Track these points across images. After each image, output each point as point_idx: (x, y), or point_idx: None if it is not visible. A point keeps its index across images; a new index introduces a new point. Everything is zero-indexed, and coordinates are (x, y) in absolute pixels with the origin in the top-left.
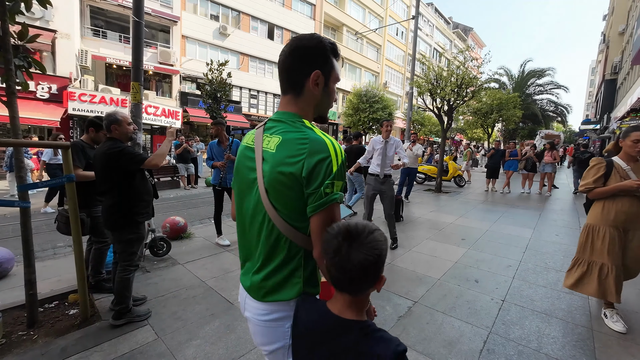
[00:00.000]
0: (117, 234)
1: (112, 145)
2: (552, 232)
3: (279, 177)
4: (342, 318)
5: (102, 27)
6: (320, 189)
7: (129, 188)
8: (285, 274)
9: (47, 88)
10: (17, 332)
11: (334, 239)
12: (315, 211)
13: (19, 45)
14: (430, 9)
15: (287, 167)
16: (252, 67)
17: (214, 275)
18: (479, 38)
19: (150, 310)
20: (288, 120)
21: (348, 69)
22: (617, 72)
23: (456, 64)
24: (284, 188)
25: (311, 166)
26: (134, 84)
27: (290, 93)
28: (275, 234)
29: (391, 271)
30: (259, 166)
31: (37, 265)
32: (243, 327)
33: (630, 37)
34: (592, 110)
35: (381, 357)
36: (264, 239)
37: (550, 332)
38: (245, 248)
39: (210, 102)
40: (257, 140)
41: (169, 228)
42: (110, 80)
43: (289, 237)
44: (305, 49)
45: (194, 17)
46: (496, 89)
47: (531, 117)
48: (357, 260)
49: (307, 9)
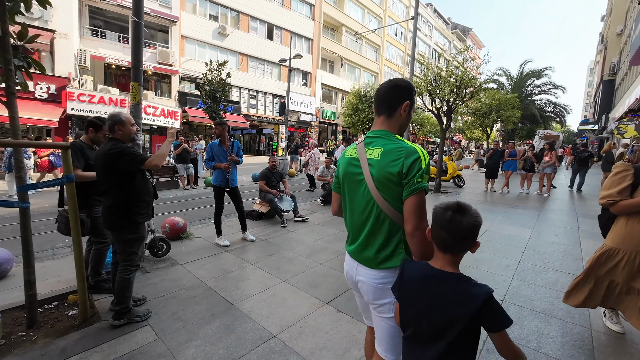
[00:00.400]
0: (117, 234)
1: (113, 146)
2: (551, 232)
3: (387, 175)
4: (444, 271)
5: (101, 27)
6: (414, 179)
7: (129, 188)
8: (392, 248)
9: (45, 88)
10: (16, 332)
11: (447, 211)
12: (410, 195)
13: (19, 45)
14: (429, 9)
15: (392, 168)
16: (251, 67)
17: (213, 276)
18: (478, 39)
19: (150, 311)
20: (384, 135)
21: (347, 70)
22: (615, 73)
23: (455, 64)
24: (389, 183)
25: (408, 165)
26: (133, 84)
27: (384, 115)
28: (382, 216)
29: None
30: (366, 170)
31: (36, 266)
32: (243, 328)
33: (628, 38)
34: (591, 110)
35: (477, 295)
36: (372, 221)
37: (549, 332)
38: (354, 230)
39: (209, 102)
40: (360, 153)
41: (168, 228)
42: (109, 80)
43: (392, 217)
44: (400, 87)
45: (193, 17)
46: (495, 90)
47: (530, 117)
48: (466, 226)
49: (307, 9)
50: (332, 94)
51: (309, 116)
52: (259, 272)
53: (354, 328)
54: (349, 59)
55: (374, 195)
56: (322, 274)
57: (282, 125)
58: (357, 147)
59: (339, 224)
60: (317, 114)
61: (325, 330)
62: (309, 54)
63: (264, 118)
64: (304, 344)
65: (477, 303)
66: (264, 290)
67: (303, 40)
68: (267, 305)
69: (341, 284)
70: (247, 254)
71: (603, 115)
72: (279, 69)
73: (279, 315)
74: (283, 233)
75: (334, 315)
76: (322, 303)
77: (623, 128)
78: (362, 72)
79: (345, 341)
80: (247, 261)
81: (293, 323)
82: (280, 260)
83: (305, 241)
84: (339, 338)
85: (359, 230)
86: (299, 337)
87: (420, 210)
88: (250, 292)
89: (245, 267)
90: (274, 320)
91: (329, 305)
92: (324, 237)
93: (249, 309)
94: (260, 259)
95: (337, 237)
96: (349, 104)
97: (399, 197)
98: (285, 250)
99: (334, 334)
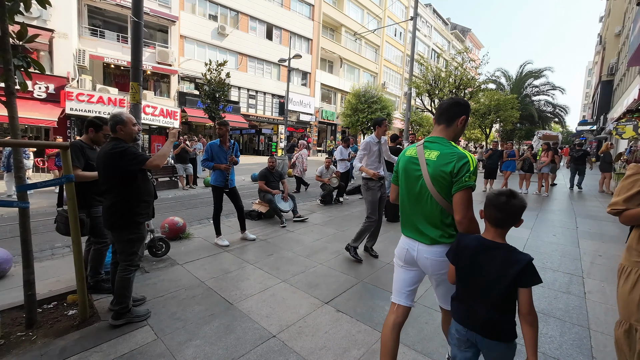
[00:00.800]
0: (118, 233)
1: (115, 145)
2: (550, 233)
3: (441, 173)
4: (495, 241)
5: (99, 27)
6: (462, 178)
7: (130, 188)
8: (443, 229)
9: (44, 88)
10: (15, 332)
11: (501, 196)
12: (458, 190)
13: (18, 45)
14: (429, 9)
15: (445, 167)
16: (250, 67)
17: (213, 276)
18: (477, 39)
19: (149, 311)
20: (441, 141)
21: (346, 70)
22: (613, 74)
23: (454, 64)
24: (442, 179)
25: (459, 166)
26: (133, 84)
27: (444, 124)
28: (435, 206)
29: (389, 271)
30: (424, 169)
31: (35, 266)
32: (242, 327)
33: (626, 39)
34: (589, 111)
35: (521, 260)
36: (428, 208)
37: (547, 332)
38: (410, 217)
39: (208, 102)
40: (419, 153)
41: (167, 228)
42: (108, 80)
43: (444, 207)
44: (460, 103)
45: (193, 17)
46: (494, 90)
47: (528, 117)
48: (518, 206)
49: (306, 10)
50: (332, 94)
51: (308, 116)
52: (258, 272)
53: (353, 328)
54: (348, 59)
55: (429, 188)
56: (322, 274)
57: (282, 125)
58: (416, 148)
59: (338, 224)
60: (317, 114)
61: (325, 330)
62: (308, 54)
63: (263, 118)
64: (303, 343)
65: (521, 266)
66: (264, 290)
67: (302, 40)
68: (266, 305)
69: (341, 283)
70: (247, 254)
71: (601, 115)
72: (278, 69)
73: (278, 315)
74: (282, 233)
75: (333, 315)
76: (322, 303)
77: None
78: (362, 72)
79: (344, 341)
80: (247, 261)
81: (292, 323)
82: (279, 260)
83: (305, 241)
84: (339, 338)
85: (416, 215)
86: (299, 337)
87: (467, 203)
88: (250, 292)
89: (245, 267)
90: (274, 320)
91: (329, 305)
92: (323, 237)
93: (248, 308)
94: (259, 259)
95: (337, 237)
96: (348, 104)
97: (449, 191)
98: (285, 250)
99: (334, 334)
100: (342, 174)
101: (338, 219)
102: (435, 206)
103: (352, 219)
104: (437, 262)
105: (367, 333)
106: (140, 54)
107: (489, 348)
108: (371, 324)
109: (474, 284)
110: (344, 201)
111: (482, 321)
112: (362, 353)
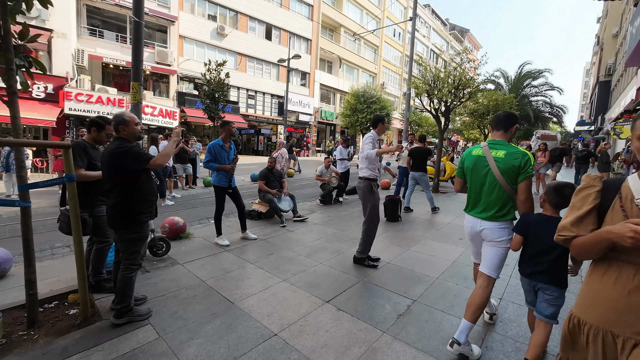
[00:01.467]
0: (120, 232)
1: (119, 145)
2: None
3: (511, 167)
4: (554, 216)
5: (98, 27)
6: (527, 169)
7: (133, 187)
8: (507, 209)
9: (43, 88)
10: (17, 332)
11: (565, 188)
12: (524, 179)
13: (20, 45)
14: (427, 10)
15: (514, 162)
16: (249, 67)
17: (213, 275)
18: (476, 40)
19: (150, 310)
20: (503, 144)
21: (345, 70)
22: (611, 74)
23: (453, 65)
24: (511, 172)
25: (525, 161)
26: (133, 84)
27: (502, 130)
28: (501, 191)
29: (389, 270)
30: (492, 164)
31: (36, 266)
32: (244, 326)
33: (623, 40)
34: (587, 111)
35: None
36: (495, 194)
37: None
38: (479, 199)
39: (208, 102)
40: (486, 153)
41: (168, 228)
42: (107, 80)
43: (507, 192)
44: (513, 115)
45: (192, 17)
46: (492, 91)
47: (527, 118)
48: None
49: (305, 10)
50: (331, 94)
51: (308, 116)
52: (259, 271)
53: (354, 326)
54: (347, 59)
55: (498, 179)
56: (322, 273)
57: (281, 125)
58: (482, 149)
59: (338, 224)
60: (316, 114)
61: (326, 328)
62: (307, 54)
63: (263, 118)
64: (304, 342)
65: None
66: (264, 289)
67: (302, 40)
68: (267, 304)
69: (341, 283)
70: (247, 254)
71: (599, 116)
72: (278, 69)
73: (279, 313)
74: (282, 233)
75: (334, 313)
76: (322, 302)
77: (619, 129)
78: (361, 73)
79: (345, 339)
80: (247, 261)
81: (294, 322)
82: (280, 259)
83: (305, 241)
84: (340, 336)
85: (484, 199)
86: (300, 336)
87: (529, 187)
88: (251, 291)
89: (245, 267)
90: (275, 319)
91: (329, 304)
92: (323, 236)
93: (249, 307)
94: (260, 258)
95: (336, 237)
96: (347, 104)
97: (514, 181)
98: (285, 250)
99: (335, 332)
100: (342, 173)
101: (338, 219)
102: (502, 193)
103: (351, 219)
104: (498, 230)
105: (367, 331)
106: (141, 53)
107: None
108: (372, 322)
109: (540, 245)
110: (344, 201)
111: (544, 272)
112: (362, 351)
